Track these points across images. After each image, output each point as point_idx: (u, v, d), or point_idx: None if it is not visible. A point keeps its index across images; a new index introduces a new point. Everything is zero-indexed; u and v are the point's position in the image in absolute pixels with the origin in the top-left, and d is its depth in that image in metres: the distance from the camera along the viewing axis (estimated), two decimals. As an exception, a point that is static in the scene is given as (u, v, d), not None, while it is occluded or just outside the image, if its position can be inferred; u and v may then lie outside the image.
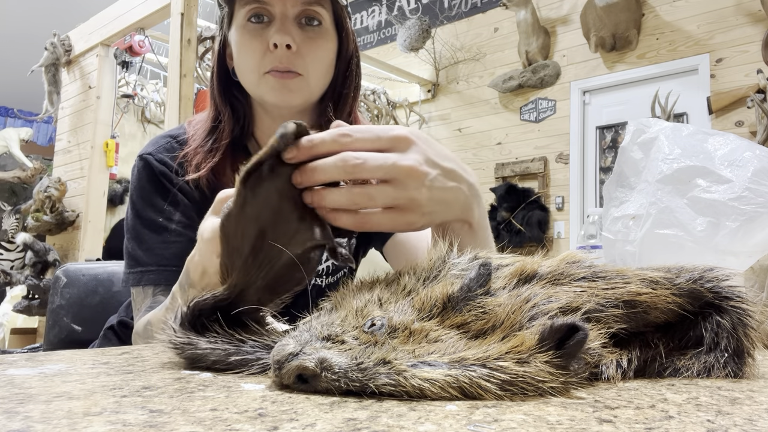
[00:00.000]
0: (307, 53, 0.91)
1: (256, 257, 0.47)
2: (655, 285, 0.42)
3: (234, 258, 0.47)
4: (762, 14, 4.04)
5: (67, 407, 0.30)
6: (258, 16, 0.91)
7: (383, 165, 0.52)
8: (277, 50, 0.89)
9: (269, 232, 0.47)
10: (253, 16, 0.91)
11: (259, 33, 0.90)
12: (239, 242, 0.47)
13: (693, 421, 0.30)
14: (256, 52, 0.90)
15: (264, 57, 0.90)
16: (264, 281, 0.47)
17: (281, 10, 0.90)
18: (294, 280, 0.49)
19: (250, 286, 0.47)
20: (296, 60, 0.90)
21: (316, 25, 0.92)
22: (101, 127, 4.42)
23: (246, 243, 0.47)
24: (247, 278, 0.47)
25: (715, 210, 0.94)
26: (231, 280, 0.47)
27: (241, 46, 0.92)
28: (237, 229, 0.47)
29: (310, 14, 0.91)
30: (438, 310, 0.39)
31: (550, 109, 5.07)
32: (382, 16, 6.38)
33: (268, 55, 0.90)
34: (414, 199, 0.54)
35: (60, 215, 4.47)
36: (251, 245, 0.47)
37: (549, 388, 0.34)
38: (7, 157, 7.03)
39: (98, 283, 1.34)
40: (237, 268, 0.47)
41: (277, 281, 0.48)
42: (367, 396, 0.34)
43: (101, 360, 0.48)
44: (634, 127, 1.11)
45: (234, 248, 0.47)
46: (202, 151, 0.95)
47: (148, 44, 4.17)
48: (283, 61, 0.89)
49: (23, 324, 4.70)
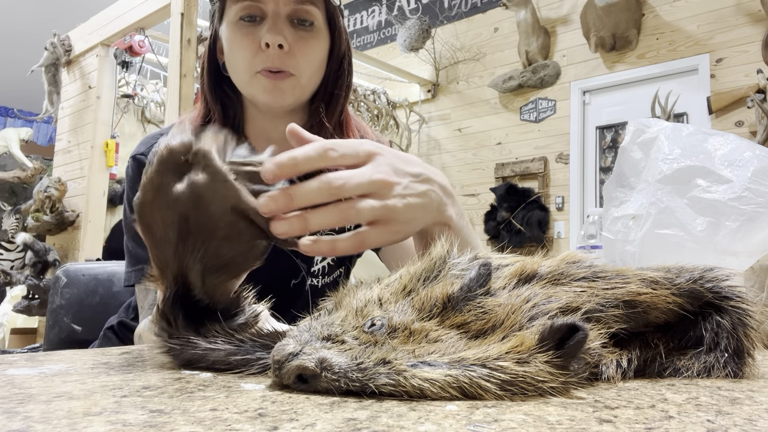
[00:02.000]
0: (299, 53, 0.90)
1: (186, 242, 0.46)
2: (655, 285, 0.42)
3: (164, 248, 0.46)
4: (762, 14, 4.04)
5: (67, 407, 0.30)
6: (250, 15, 0.90)
7: (361, 182, 0.53)
8: (269, 50, 0.88)
9: (192, 216, 0.46)
10: (245, 15, 0.90)
11: (250, 31, 0.89)
12: (163, 231, 0.46)
13: (693, 421, 0.30)
14: (247, 50, 0.89)
15: (256, 56, 0.89)
16: (201, 264, 0.46)
17: (273, 8, 0.89)
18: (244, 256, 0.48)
19: (189, 271, 0.46)
20: (288, 60, 0.89)
21: (308, 24, 0.91)
22: (101, 127, 4.42)
23: (170, 231, 0.46)
24: (183, 265, 0.46)
25: (715, 210, 0.94)
26: (169, 272, 0.46)
27: (233, 44, 0.91)
28: (155, 218, 0.46)
29: (302, 14, 0.91)
30: (438, 310, 0.39)
31: (550, 109, 5.06)
32: (382, 16, 6.37)
33: (260, 55, 0.89)
34: (391, 209, 0.54)
35: (60, 215, 4.46)
36: (176, 231, 0.46)
37: (549, 388, 0.34)
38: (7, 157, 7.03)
39: (98, 283, 1.34)
40: (169, 257, 0.46)
41: (218, 261, 0.47)
42: (367, 396, 0.34)
43: (101, 360, 0.48)
44: (634, 127, 1.11)
45: (160, 238, 0.46)
46: None
47: (148, 44, 4.16)
48: (275, 62, 0.89)
49: (23, 324, 4.70)
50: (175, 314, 0.46)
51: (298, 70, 0.91)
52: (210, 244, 0.46)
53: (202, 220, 0.46)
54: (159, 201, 0.46)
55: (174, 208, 0.45)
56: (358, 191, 0.53)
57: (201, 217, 0.46)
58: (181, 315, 0.46)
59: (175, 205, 0.45)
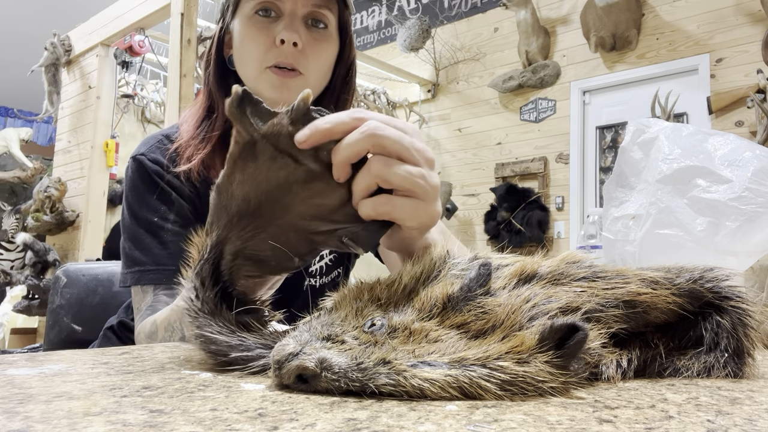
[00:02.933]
0: (311, 54, 0.92)
1: (241, 220, 0.48)
2: (655, 285, 0.42)
3: (221, 213, 0.48)
4: (762, 14, 4.04)
5: (67, 407, 0.30)
6: (266, 10, 0.91)
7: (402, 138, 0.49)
8: (284, 46, 0.89)
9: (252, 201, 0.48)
10: (261, 9, 0.91)
11: (265, 27, 0.91)
12: (227, 200, 0.48)
13: (693, 421, 0.30)
14: (260, 45, 0.91)
15: (268, 51, 0.90)
16: (242, 243, 0.48)
17: (291, 7, 0.90)
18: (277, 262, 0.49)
19: (227, 242, 0.48)
20: (300, 58, 0.91)
21: (322, 27, 0.93)
22: (101, 127, 4.42)
23: (233, 203, 0.48)
24: (227, 233, 0.48)
25: (715, 210, 0.94)
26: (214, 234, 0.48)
27: (246, 38, 0.92)
28: (227, 187, 0.48)
29: (317, 16, 0.93)
30: (438, 310, 0.39)
31: (550, 109, 5.07)
32: (382, 16, 6.38)
33: (273, 50, 0.90)
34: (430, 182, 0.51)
35: (60, 215, 4.47)
36: (238, 206, 0.48)
37: (549, 388, 0.34)
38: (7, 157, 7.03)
39: (98, 283, 1.34)
40: (221, 223, 0.48)
41: (253, 253, 0.48)
42: (367, 396, 0.34)
43: (101, 360, 0.48)
44: (634, 127, 1.11)
45: (222, 205, 0.48)
46: (193, 143, 0.95)
47: (148, 44, 4.16)
48: (288, 58, 0.90)
49: (23, 324, 4.70)
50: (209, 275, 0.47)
51: (307, 70, 0.92)
52: (257, 234, 0.48)
53: (260, 210, 0.48)
54: (234, 175, 0.48)
55: (243, 186, 0.48)
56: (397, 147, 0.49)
57: (260, 206, 0.48)
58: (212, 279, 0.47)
59: (245, 183, 0.48)
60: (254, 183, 0.48)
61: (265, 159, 0.47)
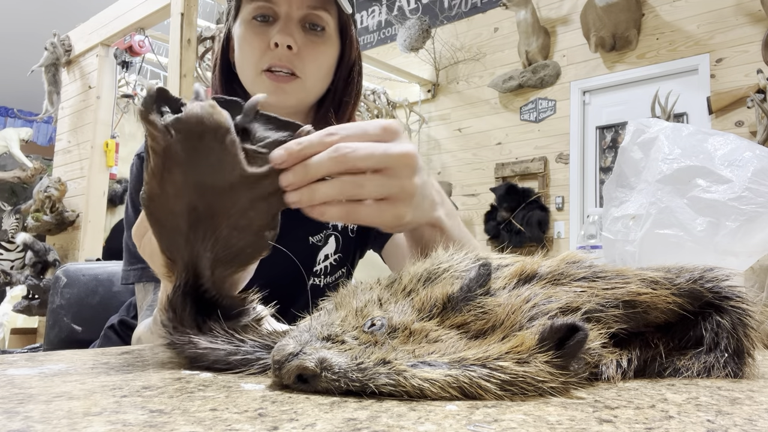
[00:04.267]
0: (308, 57, 0.92)
1: (196, 231, 0.46)
2: (655, 285, 0.42)
3: (175, 238, 0.46)
4: (762, 14, 4.04)
5: (67, 407, 0.30)
6: (264, 15, 0.92)
7: (374, 152, 0.51)
8: (278, 49, 0.90)
9: (200, 206, 0.46)
10: (259, 15, 0.92)
11: (262, 31, 0.91)
12: (173, 221, 0.45)
13: (693, 421, 0.30)
14: (256, 49, 0.91)
15: (264, 55, 0.91)
16: (212, 253, 0.46)
17: (286, 11, 0.90)
18: (253, 246, 0.48)
19: (200, 259, 0.46)
20: (295, 61, 0.91)
21: (319, 30, 0.93)
22: (101, 127, 4.42)
23: (181, 221, 0.45)
24: (194, 253, 0.46)
25: (715, 210, 0.94)
26: (180, 260, 0.46)
27: (243, 42, 0.93)
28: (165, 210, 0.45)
29: (314, 19, 0.92)
30: (438, 310, 0.39)
31: (550, 109, 5.06)
32: (382, 16, 6.37)
33: (268, 53, 0.90)
34: (405, 188, 0.53)
35: (60, 215, 4.46)
36: (187, 222, 0.45)
37: (549, 388, 0.34)
38: (7, 157, 7.03)
39: (98, 283, 1.34)
40: (181, 246, 0.46)
41: (228, 252, 0.47)
42: (367, 396, 0.34)
43: (101, 360, 0.48)
44: (634, 127, 1.11)
45: (171, 229, 0.46)
46: None
47: (148, 44, 4.16)
48: (283, 60, 0.90)
49: (23, 324, 4.70)
50: (183, 305, 0.45)
51: (303, 73, 0.92)
52: (220, 232, 0.46)
53: (212, 208, 0.46)
54: (166, 192, 0.45)
55: (182, 197, 0.45)
56: (370, 162, 0.51)
57: (210, 205, 0.46)
58: (188, 306, 0.46)
59: (183, 193, 0.45)
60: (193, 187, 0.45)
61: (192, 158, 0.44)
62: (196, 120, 0.44)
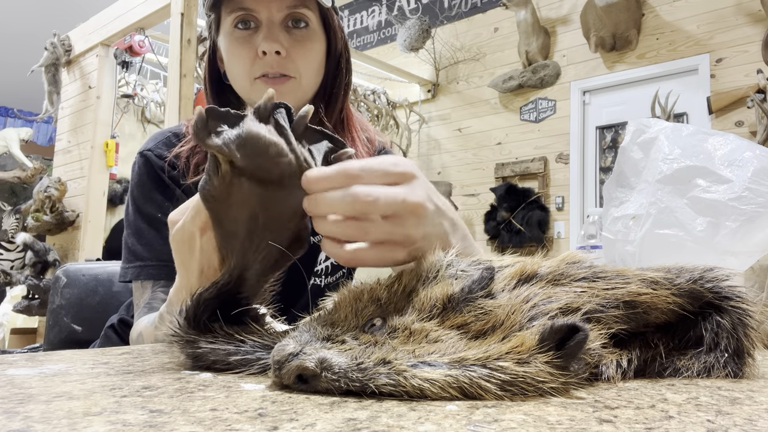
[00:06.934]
0: (297, 56, 0.92)
1: (252, 241, 0.47)
2: (655, 285, 0.42)
3: (231, 241, 0.47)
4: (762, 14, 4.04)
5: (67, 407, 0.30)
6: (245, 22, 0.91)
7: (393, 202, 0.50)
8: (267, 57, 0.89)
9: (261, 217, 0.47)
10: (239, 22, 0.91)
11: (247, 40, 0.91)
12: (233, 226, 0.47)
13: (693, 421, 0.30)
14: (245, 59, 0.91)
15: (254, 63, 0.91)
16: (261, 265, 0.47)
17: (267, 16, 0.90)
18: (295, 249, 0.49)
19: (248, 268, 0.47)
20: (287, 64, 0.91)
21: (303, 26, 0.93)
22: (101, 127, 4.42)
23: (240, 227, 0.47)
24: (245, 261, 0.47)
25: (715, 210, 0.94)
26: (229, 261, 0.47)
27: (230, 54, 0.93)
28: (228, 214, 0.47)
29: (296, 17, 0.92)
30: (438, 310, 0.39)
31: (550, 109, 5.06)
32: (382, 16, 6.37)
33: (258, 62, 0.90)
34: (409, 236, 0.52)
35: (60, 215, 4.46)
36: (246, 229, 0.47)
37: (549, 389, 0.34)
38: (7, 157, 7.02)
39: (98, 283, 1.34)
40: (235, 250, 0.47)
41: (272, 263, 0.48)
42: (367, 396, 0.34)
43: (101, 360, 0.48)
44: (634, 127, 1.11)
45: (229, 232, 0.47)
46: (201, 151, 0.95)
47: (148, 44, 4.16)
48: (275, 67, 0.90)
49: (23, 324, 4.70)
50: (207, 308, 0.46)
51: (297, 73, 0.92)
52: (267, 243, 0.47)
53: (270, 221, 0.47)
54: (232, 197, 0.47)
55: (247, 207, 0.47)
56: (387, 211, 0.50)
57: (270, 217, 0.47)
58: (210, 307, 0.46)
59: (248, 203, 0.47)
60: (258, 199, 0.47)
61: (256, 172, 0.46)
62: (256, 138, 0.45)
